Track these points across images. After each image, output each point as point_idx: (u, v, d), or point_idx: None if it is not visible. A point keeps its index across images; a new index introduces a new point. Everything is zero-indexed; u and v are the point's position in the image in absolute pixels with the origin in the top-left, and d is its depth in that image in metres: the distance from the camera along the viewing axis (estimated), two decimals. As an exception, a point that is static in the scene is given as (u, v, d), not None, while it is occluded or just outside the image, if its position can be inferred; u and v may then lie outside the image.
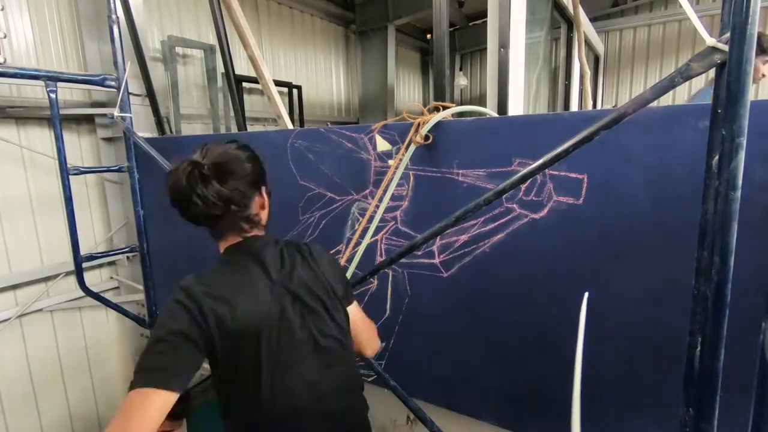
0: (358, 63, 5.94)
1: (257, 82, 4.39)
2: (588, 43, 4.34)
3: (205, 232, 1.14)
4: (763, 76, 2.27)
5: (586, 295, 1.08)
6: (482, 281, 1.50)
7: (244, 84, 4.22)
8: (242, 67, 3.93)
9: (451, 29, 6.77)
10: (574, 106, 3.73)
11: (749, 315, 0.91)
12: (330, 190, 1.83)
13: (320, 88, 5.48)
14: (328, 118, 5.63)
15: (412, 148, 1.49)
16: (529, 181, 1.26)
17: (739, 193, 0.75)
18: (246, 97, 4.37)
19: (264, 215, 1.16)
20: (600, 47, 5.35)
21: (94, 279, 3.06)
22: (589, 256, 1.29)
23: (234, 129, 3.81)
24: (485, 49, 1.91)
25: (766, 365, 0.76)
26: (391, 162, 1.62)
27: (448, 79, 1.76)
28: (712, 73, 0.81)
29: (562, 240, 1.32)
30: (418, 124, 1.48)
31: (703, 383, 0.82)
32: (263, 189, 1.15)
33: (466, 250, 1.51)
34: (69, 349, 3.00)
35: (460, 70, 7.45)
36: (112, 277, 3.20)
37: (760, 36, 2.35)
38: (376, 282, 1.76)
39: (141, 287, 2.89)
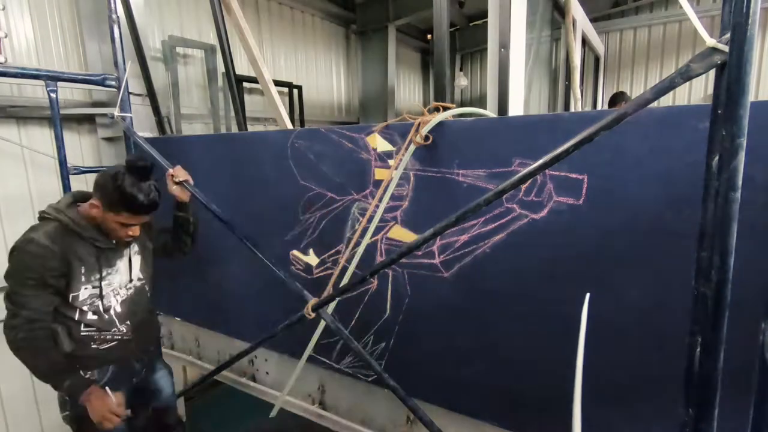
0: (358, 63, 5.94)
1: (257, 82, 4.40)
2: (588, 44, 4.34)
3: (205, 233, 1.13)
4: None
5: (588, 296, 1.08)
6: (482, 281, 1.50)
7: (245, 84, 4.22)
8: (242, 67, 3.94)
9: (452, 29, 6.77)
10: (573, 107, 3.72)
11: (749, 315, 0.91)
12: (330, 190, 1.83)
13: (320, 88, 5.48)
14: (329, 118, 5.63)
15: (413, 148, 1.49)
16: (529, 182, 1.26)
17: (739, 193, 0.75)
18: (246, 97, 4.38)
19: None
20: (600, 48, 5.34)
21: (94, 279, 3.06)
22: (589, 256, 1.29)
23: (234, 129, 3.82)
24: (485, 49, 1.91)
25: (766, 365, 0.76)
26: (391, 162, 1.62)
27: (448, 79, 1.76)
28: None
29: (562, 240, 1.32)
30: (419, 125, 1.48)
31: (703, 383, 0.82)
32: None
33: (466, 250, 1.51)
34: (69, 349, 3.00)
35: (461, 70, 7.45)
36: (112, 277, 3.20)
37: None
38: (376, 282, 1.76)
39: (141, 287, 2.89)
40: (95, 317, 1.58)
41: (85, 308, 1.55)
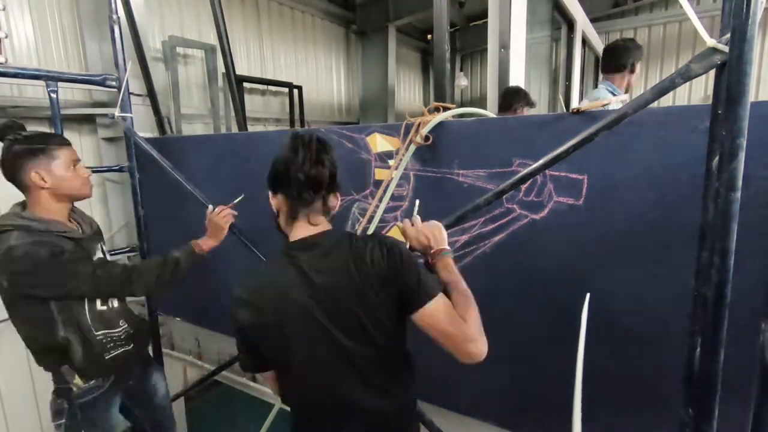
0: (358, 63, 5.94)
1: (258, 82, 4.40)
2: (588, 44, 4.34)
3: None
4: None
5: (588, 296, 1.08)
6: (482, 281, 1.50)
7: (245, 84, 4.23)
8: (243, 67, 3.94)
9: (452, 29, 6.77)
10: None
11: (749, 315, 0.91)
12: (330, 190, 1.82)
13: (321, 88, 5.48)
14: (329, 119, 5.63)
15: (412, 148, 1.49)
16: (529, 182, 1.26)
17: (738, 193, 0.75)
18: (246, 97, 4.38)
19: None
20: (600, 48, 5.35)
21: (94, 279, 3.06)
22: (589, 256, 1.29)
23: (234, 129, 3.82)
24: (485, 49, 1.91)
25: (766, 365, 0.76)
26: (391, 162, 1.62)
27: (448, 79, 1.76)
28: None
29: (562, 240, 1.32)
30: (419, 125, 1.48)
31: (703, 383, 0.82)
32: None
33: (466, 250, 1.51)
34: (69, 349, 3.00)
35: (461, 70, 7.46)
36: (112, 277, 3.20)
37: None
38: (376, 282, 1.76)
39: (141, 287, 2.89)
40: (104, 307, 1.56)
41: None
